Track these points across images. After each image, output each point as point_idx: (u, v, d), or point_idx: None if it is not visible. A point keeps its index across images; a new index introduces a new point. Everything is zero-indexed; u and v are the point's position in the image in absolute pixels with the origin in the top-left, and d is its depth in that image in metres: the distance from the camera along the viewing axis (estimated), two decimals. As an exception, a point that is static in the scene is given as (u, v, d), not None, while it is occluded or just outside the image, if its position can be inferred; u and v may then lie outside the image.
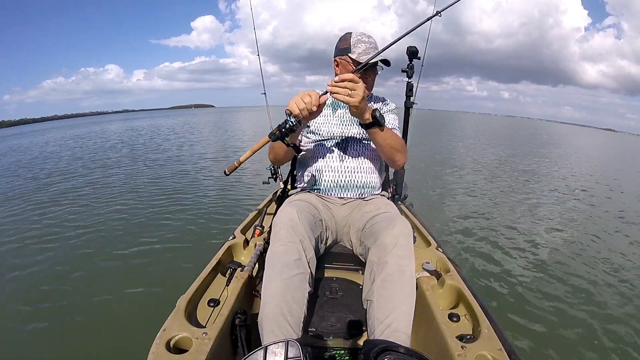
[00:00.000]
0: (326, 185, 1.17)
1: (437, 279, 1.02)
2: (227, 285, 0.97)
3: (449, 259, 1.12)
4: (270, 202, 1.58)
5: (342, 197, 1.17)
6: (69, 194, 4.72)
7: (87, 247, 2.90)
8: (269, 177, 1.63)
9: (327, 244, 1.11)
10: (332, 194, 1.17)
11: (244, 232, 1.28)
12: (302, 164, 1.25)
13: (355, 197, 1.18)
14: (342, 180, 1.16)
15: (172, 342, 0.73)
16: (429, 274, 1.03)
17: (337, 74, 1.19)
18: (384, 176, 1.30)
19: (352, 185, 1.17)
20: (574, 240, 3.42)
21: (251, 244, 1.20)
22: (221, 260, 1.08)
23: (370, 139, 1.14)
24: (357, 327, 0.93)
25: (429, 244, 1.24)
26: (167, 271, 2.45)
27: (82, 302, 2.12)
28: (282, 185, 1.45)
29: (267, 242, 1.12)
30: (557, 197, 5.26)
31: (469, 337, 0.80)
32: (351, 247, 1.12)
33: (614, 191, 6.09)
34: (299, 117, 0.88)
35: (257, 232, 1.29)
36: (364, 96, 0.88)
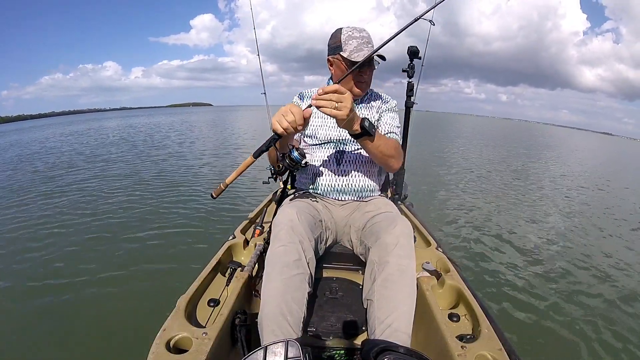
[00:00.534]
0: (324, 189, 1.16)
1: (437, 279, 1.02)
2: (227, 285, 0.97)
3: (449, 259, 1.12)
4: (270, 202, 1.58)
5: (341, 200, 1.17)
6: (69, 193, 4.71)
7: (86, 247, 2.89)
8: (269, 177, 1.62)
9: (327, 244, 1.11)
10: (330, 197, 1.17)
11: (244, 232, 1.28)
12: (308, 165, 1.24)
13: (354, 199, 1.17)
14: (340, 184, 1.15)
15: (172, 342, 0.73)
16: (429, 274, 1.03)
17: (332, 73, 1.18)
18: (383, 177, 1.29)
19: (350, 189, 1.15)
20: (573, 239, 3.43)
21: (251, 244, 1.19)
22: (221, 260, 1.08)
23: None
24: (357, 327, 0.93)
25: (429, 244, 1.24)
26: (167, 271, 2.45)
27: (82, 301, 2.12)
28: (282, 185, 1.45)
29: (267, 242, 1.11)
30: (555, 197, 5.27)
31: (469, 337, 0.80)
32: (351, 247, 1.12)
33: (611, 192, 6.09)
34: (285, 135, 0.85)
35: (257, 232, 1.29)
36: (351, 107, 0.84)
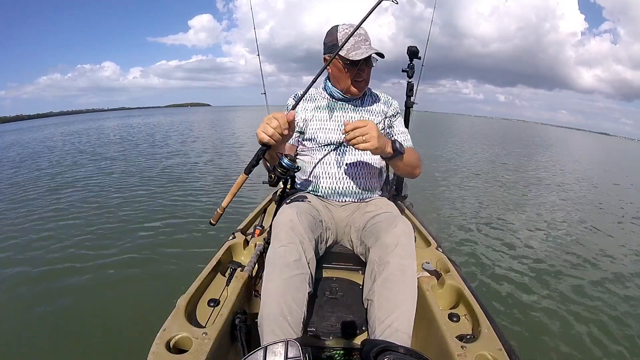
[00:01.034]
0: (325, 191, 1.15)
1: (437, 279, 1.02)
2: (227, 285, 0.97)
3: (449, 259, 1.12)
4: (270, 202, 1.58)
5: (341, 201, 1.16)
6: (68, 193, 4.70)
7: (86, 247, 2.88)
8: (269, 180, 1.61)
9: (328, 244, 1.10)
10: (331, 199, 1.16)
11: (244, 232, 1.28)
12: (300, 169, 1.21)
13: (354, 201, 1.16)
14: (340, 187, 1.14)
15: (172, 342, 0.73)
16: (429, 274, 1.03)
17: (329, 72, 1.15)
18: (384, 177, 1.28)
19: (351, 191, 1.14)
20: (572, 238, 3.43)
21: (251, 244, 1.19)
22: (221, 260, 1.08)
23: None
24: (357, 327, 0.93)
25: (429, 243, 1.24)
26: (167, 271, 2.44)
27: (82, 301, 2.11)
28: (282, 185, 1.45)
29: (267, 242, 1.11)
30: (555, 195, 5.27)
31: (469, 337, 0.80)
32: (351, 247, 1.11)
33: (611, 193, 6.10)
34: (273, 145, 0.83)
35: (257, 232, 1.29)
36: (378, 134, 0.86)
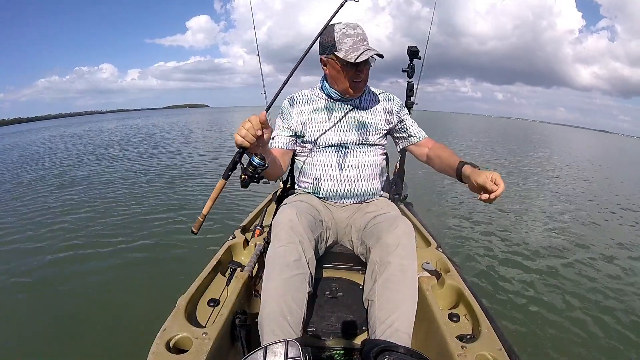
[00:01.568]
0: (326, 193, 1.14)
1: (437, 279, 1.02)
2: (227, 285, 0.97)
3: (449, 259, 1.12)
4: (270, 202, 1.57)
5: (342, 203, 1.15)
6: (69, 192, 4.70)
7: (85, 247, 2.89)
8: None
9: (328, 244, 1.10)
10: (332, 201, 1.15)
11: (244, 232, 1.28)
12: (301, 171, 1.20)
13: (355, 202, 1.16)
14: (341, 189, 1.13)
15: (172, 342, 0.73)
16: (429, 274, 1.03)
17: (327, 73, 1.12)
18: (384, 178, 1.27)
19: (352, 193, 1.13)
20: (572, 237, 3.42)
21: (251, 244, 1.19)
22: (221, 260, 1.08)
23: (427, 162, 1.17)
24: (357, 327, 0.93)
25: (429, 244, 1.23)
26: (167, 271, 2.44)
27: (82, 301, 2.11)
28: (282, 185, 1.45)
29: (267, 242, 1.11)
30: (555, 195, 5.27)
31: (469, 337, 0.80)
32: (351, 247, 1.11)
33: (614, 192, 6.10)
34: (248, 147, 0.81)
35: (257, 232, 1.28)
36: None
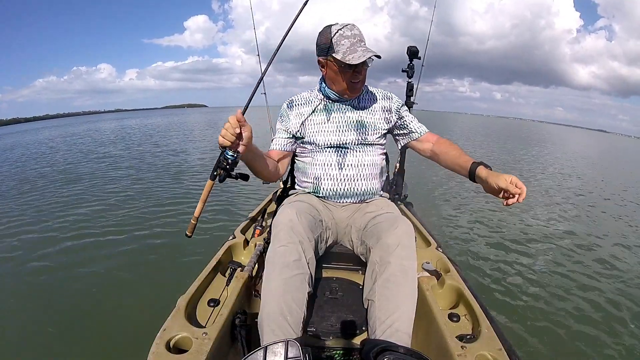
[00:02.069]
0: (326, 193, 1.14)
1: (437, 279, 1.02)
2: (227, 285, 0.97)
3: (449, 259, 1.12)
4: (270, 202, 1.58)
5: (342, 203, 1.15)
6: (69, 192, 4.71)
7: (85, 247, 2.89)
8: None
9: (328, 244, 1.10)
10: (332, 200, 1.15)
11: (244, 232, 1.28)
12: (301, 170, 1.21)
13: (355, 202, 1.16)
14: (341, 188, 1.13)
15: (172, 342, 0.73)
16: (429, 274, 1.03)
17: (324, 74, 1.13)
18: (384, 178, 1.27)
19: (352, 193, 1.13)
20: (573, 236, 3.43)
21: (251, 244, 1.19)
22: (221, 260, 1.08)
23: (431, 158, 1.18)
24: (357, 327, 0.93)
25: (429, 244, 1.23)
26: (167, 271, 2.44)
27: (82, 301, 2.11)
28: (282, 185, 1.45)
29: (267, 242, 1.11)
30: (555, 194, 5.27)
31: (469, 337, 0.80)
32: (351, 247, 1.11)
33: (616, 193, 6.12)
34: (231, 146, 0.85)
35: (257, 232, 1.29)
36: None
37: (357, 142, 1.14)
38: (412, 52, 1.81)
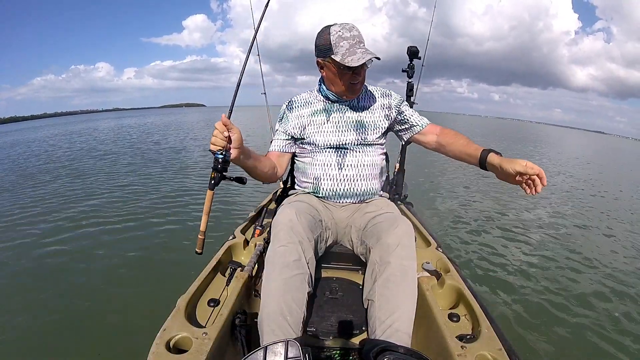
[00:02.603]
0: (326, 193, 1.14)
1: (437, 279, 1.02)
2: (227, 285, 0.97)
3: (449, 259, 1.12)
4: (270, 202, 1.57)
5: (342, 203, 1.15)
6: (69, 192, 4.71)
7: (85, 247, 2.89)
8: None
9: (327, 244, 1.10)
10: (332, 200, 1.15)
11: (244, 232, 1.28)
12: (301, 170, 1.21)
13: (355, 202, 1.16)
14: (341, 188, 1.13)
15: (172, 342, 0.73)
16: (429, 274, 1.03)
17: (324, 75, 1.13)
18: (384, 178, 1.27)
19: (352, 193, 1.13)
20: (573, 236, 3.43)
21: (251, 244, 1.19)
22: (221, 260, 1.08)
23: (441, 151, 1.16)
24: (357, 327, 0.93)
25: (428, 244, 1.23)
26: (167, 271, 2.44)
27: (81, 301, 2.11)
28: (281, 185, 1.45)
29: (267, 242, 1.11)
30: (555, 193, 5.28)
31: (469, 337, 0.80)
32: (351, 247, 1.11)
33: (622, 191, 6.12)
34: (222, 149, 0.88)
35: (257, 232, 1.28)
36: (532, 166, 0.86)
37: (356, 142, 1.14)
38: (413, 52, 1.81)
